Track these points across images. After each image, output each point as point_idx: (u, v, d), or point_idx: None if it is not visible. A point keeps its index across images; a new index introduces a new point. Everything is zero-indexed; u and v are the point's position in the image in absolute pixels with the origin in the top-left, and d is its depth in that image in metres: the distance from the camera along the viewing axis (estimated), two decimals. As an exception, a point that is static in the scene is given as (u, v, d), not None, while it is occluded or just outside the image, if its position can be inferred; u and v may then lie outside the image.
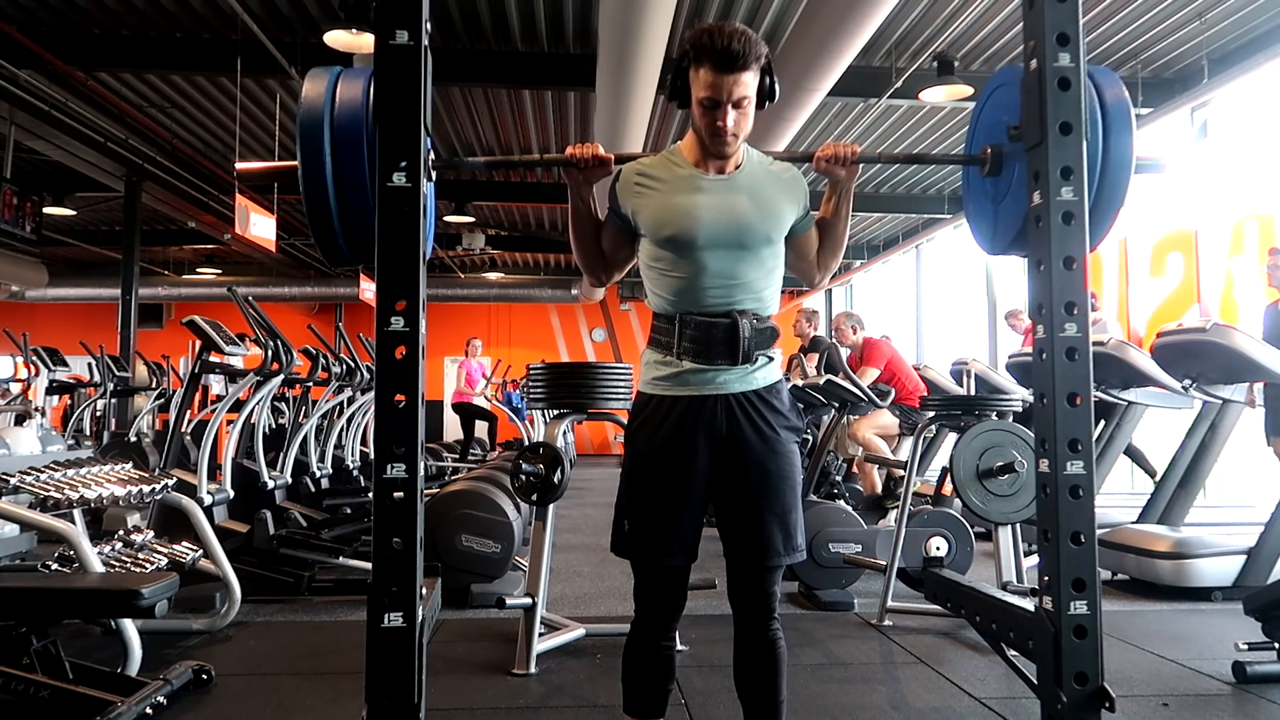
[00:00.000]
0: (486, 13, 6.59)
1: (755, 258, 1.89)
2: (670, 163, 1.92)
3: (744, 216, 1.86)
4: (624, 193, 1.92)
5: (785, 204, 1.93)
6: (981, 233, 2.16)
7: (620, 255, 2.00)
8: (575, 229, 1.98)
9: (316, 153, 1.72)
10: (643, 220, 1.90)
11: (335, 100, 1.75)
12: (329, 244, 1.79)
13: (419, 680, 1.56)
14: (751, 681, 1.88)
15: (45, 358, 8.48)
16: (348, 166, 1.73)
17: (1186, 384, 4.30)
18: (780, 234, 1.93)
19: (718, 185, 1.88)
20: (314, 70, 1.80)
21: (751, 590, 1.87)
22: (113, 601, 2.58)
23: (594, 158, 1.85)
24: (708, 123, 1.82)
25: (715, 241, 1.85)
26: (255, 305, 4.52)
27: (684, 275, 1.87)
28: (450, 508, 4.15)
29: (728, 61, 1.75)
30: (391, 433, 1.56)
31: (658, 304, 1.94)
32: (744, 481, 1.87)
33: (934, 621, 3.78)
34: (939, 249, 13.05)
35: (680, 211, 1.85)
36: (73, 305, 15.17)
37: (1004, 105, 1.98)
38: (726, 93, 1.77)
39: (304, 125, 1.73)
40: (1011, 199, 1.95)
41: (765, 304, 1.92)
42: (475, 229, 12.67)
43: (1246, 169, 7.30)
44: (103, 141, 8.49)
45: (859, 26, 5.16)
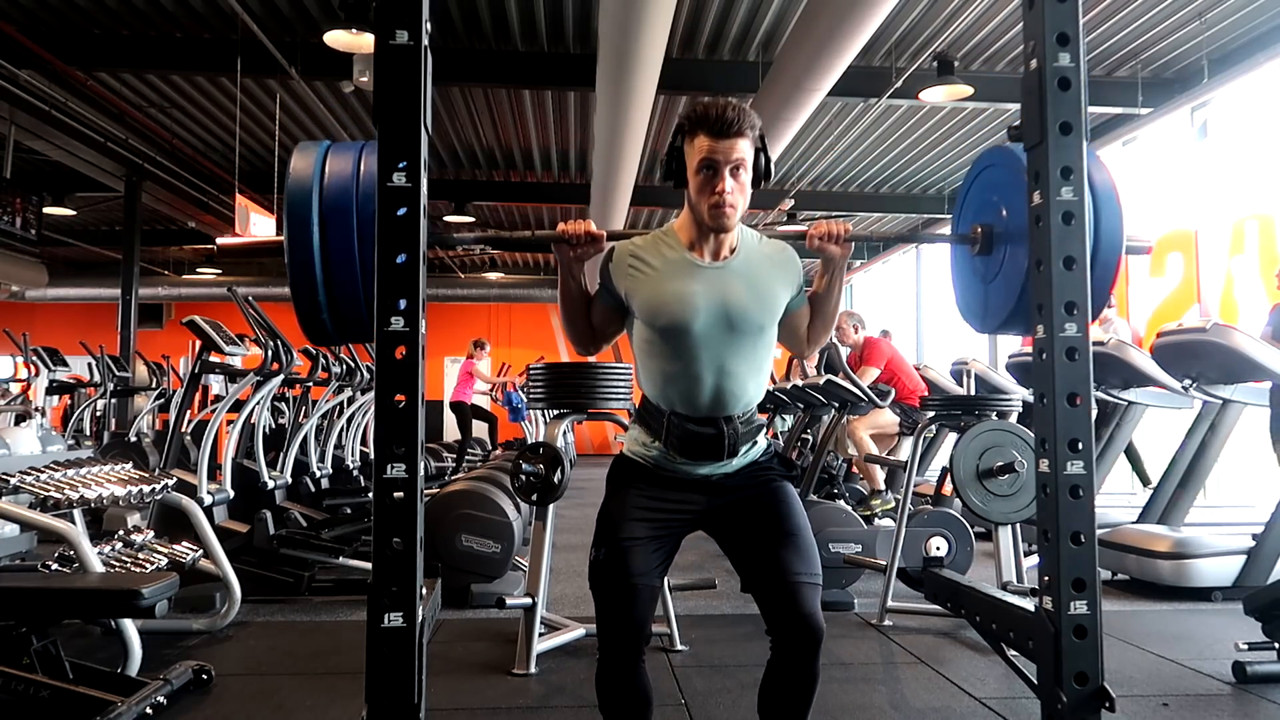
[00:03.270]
0: (486, 13, 6.59)
1: (749, 345, 1.89)
2: (664, 244, 1.90)
3: (739, 306, 1.86)
4: (617, 273, 1.91)
5: (780, 289, 1.93)
6: (971, 311, 2.15)
7: (610, 330, 1.99)
8: (565, 303, 1.96)
9: (304, 227, 1.69)
10: (637, 305, 1.89)
11: (324, 174, 1.72)
12: (313, 321, 1.74)
13: (419, 680, 1.55)
14: (783, 710, 1.82)
15: (45, 358, 8.48)
16: (336, 241, 1.69)
17: (1186, 384, 4.30)
18: (774, 321, 1.93)
19: (713, 273, 1.87)
20: (302, 145, 1.79)
21: (797, 612, 1.75)
22: (113, 601, 2.58)
23: (586, 234, 1.84)
24: (705, 194, 1.80)
25: (710, 331, 1.84)
26: (255, 305, 4.52)
27: (676, 362, 1.87)
28: (450, 508, 4.15)
29: (723, 127, 1.76)
30: (391, 433, 1.56)
31: (648, 388, 1.94)
32: (753, 516, 1.87)
33: (934, 621, 3.78)
34: (939, 249, 13.05)
35: (675, 300, 1.84)
36: (73, 305, 15.17)
37: (994, 184, 1.99)
38: (724, 156, 1.77)
39: (291, 199, 1.70)
40: (1002, 280, 1.94)
41: (755, 394, 1.93)
42: (475, 229, 12.67)
43: (1246, 169, 7.30)
44: (103, 141, 8.49)
45: (859, 26, 5.16)
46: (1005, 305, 1.94)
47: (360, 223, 1.69)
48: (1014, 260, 1.87)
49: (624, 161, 7.46)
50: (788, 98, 6.28)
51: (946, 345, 12.24)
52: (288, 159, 1.78)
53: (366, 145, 1.78)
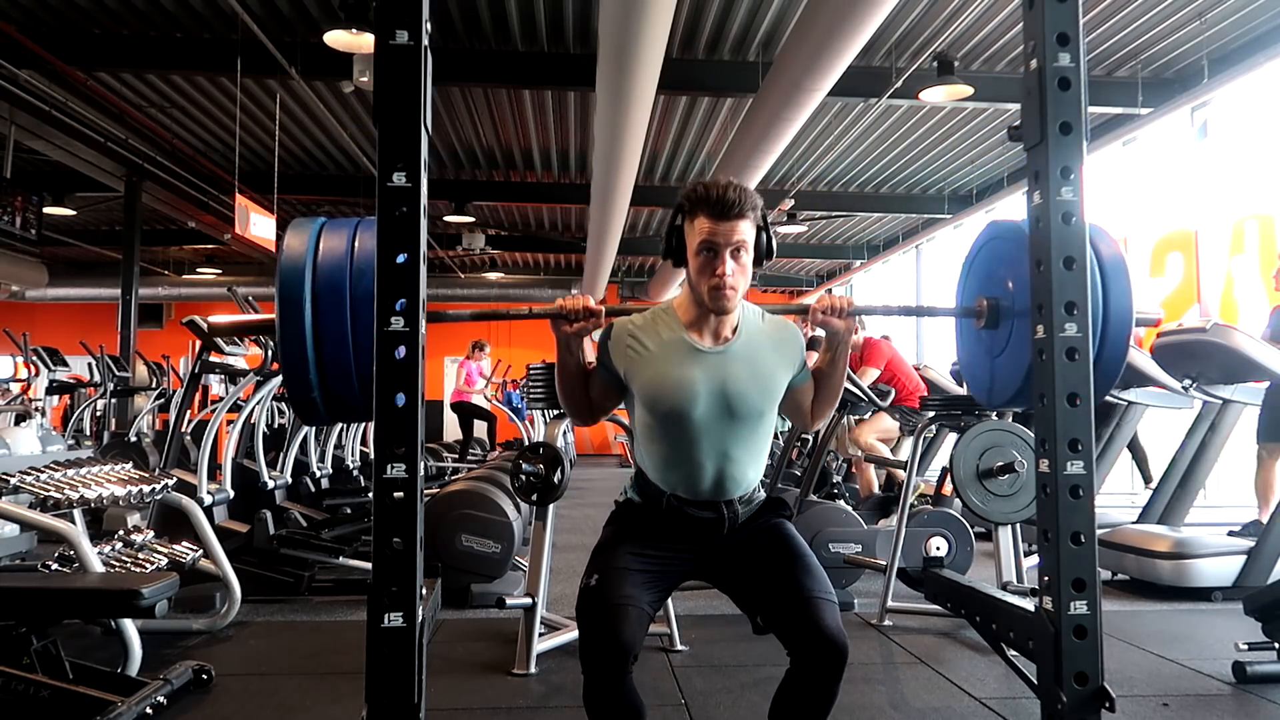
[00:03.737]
0: (486, 13, 6.59)
1: (748, 431, 1.89)
2: (663, 324, 1.89)
3: (740, 391, 1.85)
4: (615, 352, 1.90)
5: (781, 371, 1.92)
6: (977, 385, 2.14)
7: (609, 403, 1.99)
8: (563, 378, 1.95)
9: (296, 305, 1.68)
10: (636, 388, 1.88)
11: (318, 252, 1.71)
12: (304, 400, 1.73)
13: (419, 680, 1.55)
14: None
15: (45, 358, 8.48)
16: (329, 320, 1.68)
17: (1186, 384, 4.30)
18: (775, 406, 1.92)
19: (713, 357, 1.86)
20: (297, 221, 1.77)
21: (823, 630, 1.70)
22: (113, 601, 2.58)
23: (584, 309, 1.82)
24: (706, 275, 1.79)
25: (710, 417, 1.84)
26: (255, 305, 4.52)
27: (676, 447, 1.87)
28: (450, 508, 4.15)
29: (724, 209, 1.76)
30: (391, 433, 1.56)
31: (648, 469, 1.93)
32: (757, 553, 1.88)
33: (934, 621, 3.78)
34: (939, 249, 13.05)
35: (676, 385, 1.83)
36: (73, 305, 15.16)
37: (998, 257, 1.98)
38: (724, 238, 1.76)
39: (284, 277, 1.68)
40: (1009, 356, 1.91)
41: (755, 476, 1.93)
42: (475, 229, 12.67)
43: (1246, 169, 7.30)
44: (103, 141, 8.49)
45: (859, 26, 5.16)
46: (1013, 381, 1.90)
47: (354, 301, 1.67)
48: (1021, 335, 1.84)
49: (624, 161, 7.46)
50: (788, 98, 6.28)
51: (946, 345, 12.25)
52: (288, 158, 1.77)
53: (362, 222, 1.77)
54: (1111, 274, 1.87)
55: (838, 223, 13.10)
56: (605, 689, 1.73)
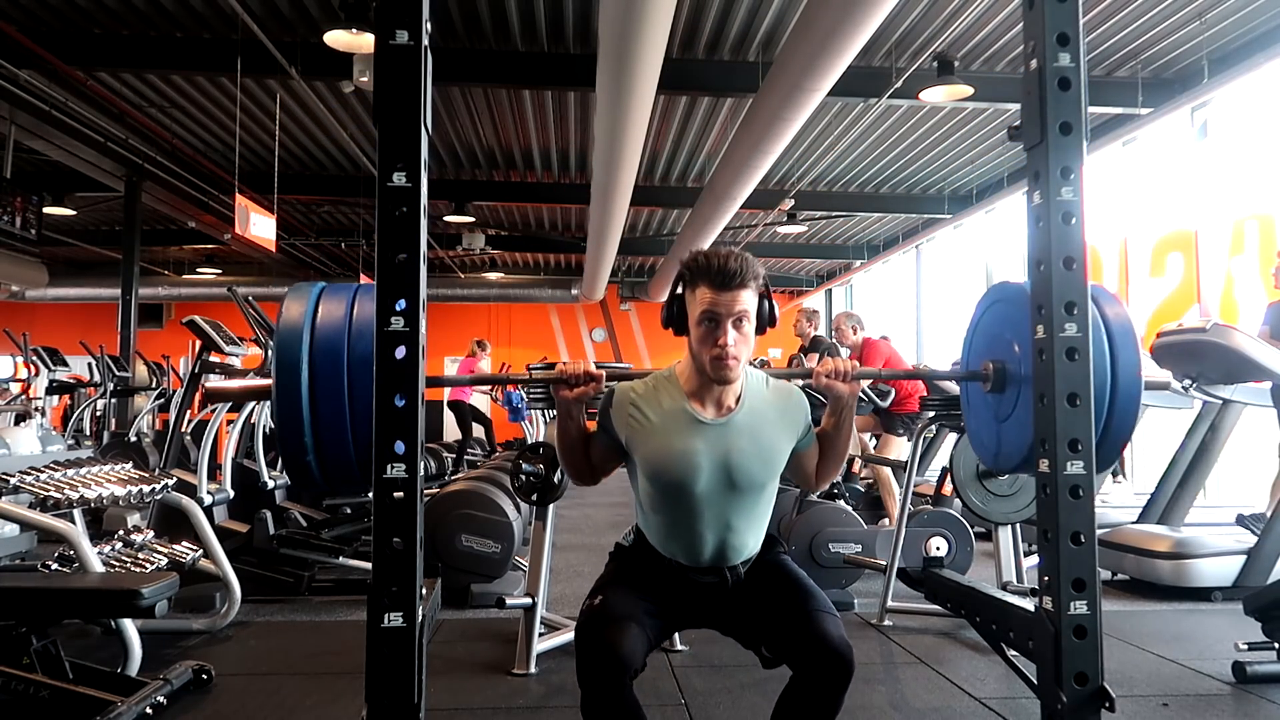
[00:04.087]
0: (486, 13, 6.59)
1: (750, 501, 1.89)
2: (665, 393, 1.88)
3: (742, 464, 1.84)
4: (617, 419, 1.90)
5: (784, 440, 1.92)
6: (984, 448, 2.12)
7: (609, 465, 1.99)
8: (563, 442, 1.94)
9: (293, 372, 1.68)
10: (638, 458, 1.88)
11: (316, 319, 1.71)
12: (299, 466, 1.72)
13: (419, 680, 1.55)
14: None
15: (45, 358, 8.48)
16: (325, 388, 1.68)
17: (1186, 384, 4.30)
18: (777, 475, 1.93)
19: (716, 429, 1.85)
20: (296, 287, 1.77)
21: (829, 642, 1.71)
22: (113, 601, 2.58)
23: (585, 375, 1.82)
24: (707, 345, 1.79)
25: (712, 489, 1.84)
26: (255, 305, 4.52)
27: (678, 518, 1.87)
28: (450, 508, 4.15)
29: (726, 279, 1.75)
30: (391, 433, 1.56)
31: (650, 535, 1.93)
32: (763, 593, 1.89)
33: (934, 621, 3.78)
34: (939, 249, 13.05)
35: (678, 458, 1.83)
36: (73, 305, 15.16)
37: (1004, 319, 1.97)
38: (726, 308, 1.76)
39: (281, 344, 1.69)
40: (1016, 421, 1.90)
41: (756, 543, 1.93)
42: (475, 229, 12.66)
43: (1246, 169, 7.30)
44: (103, 141, 8.49)
45: (859, 26, 5.15)
46: (1020, 447, 1.87)
47: (351, 368, 1.67)
48: (1027, 401, 1.83)
49: (624, 161, 7.45)
50: (788, 98, 6.28)
51: (946, 345, 12.25)
52: (288, 158, 1.76)
53: (361, 288, 1.77)
54: (1119, 338, 1.86)
55: (838, 223, 13.10)
56: (603, 703, 1.72)
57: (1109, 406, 1.83)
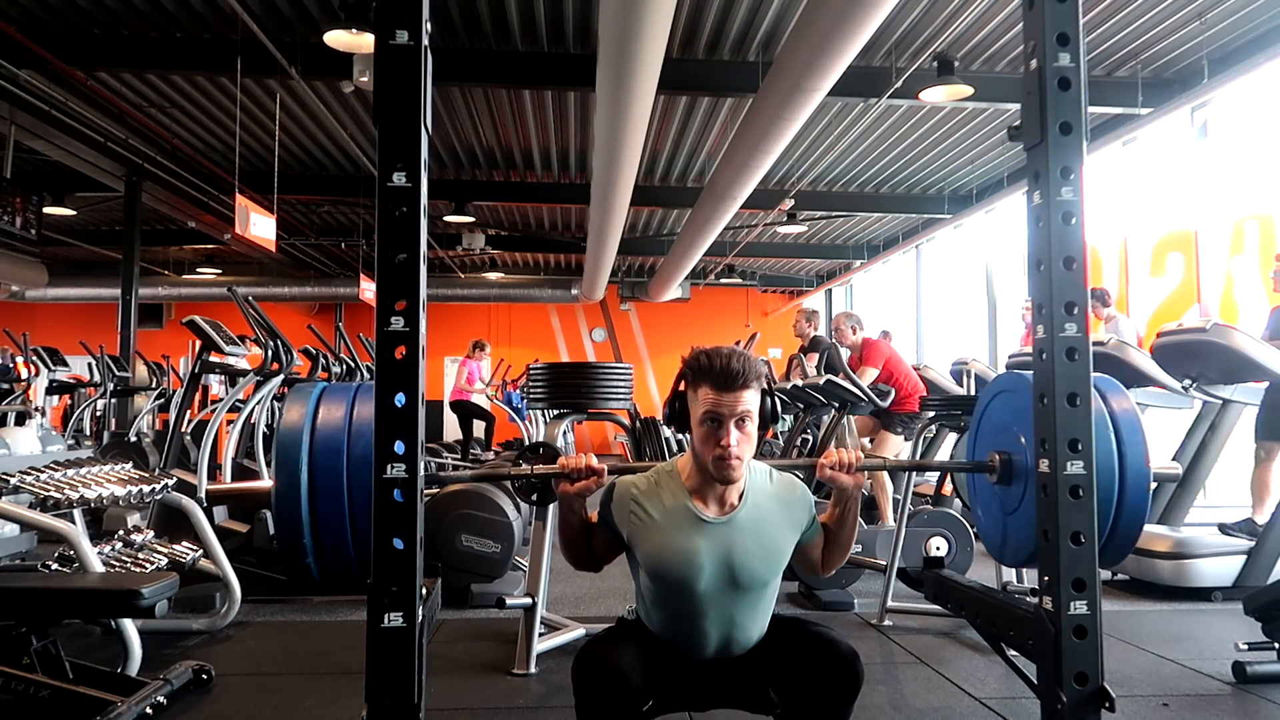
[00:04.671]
0: (486, 13, 6.59)
1: (754, 598, 1.88)
2: (666, 490, 1.87)
3: (745, 563, 1.84)
4: (619, 515, 1.89)
5: (788, 535, 1.91)
6: (991, 540, 2.12)
7: (612, 554, 1.98)
8: (565, 535, 1.94)
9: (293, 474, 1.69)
10: (640, 555, 1.87)
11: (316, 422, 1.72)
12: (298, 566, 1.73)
13: (419, 680, 1.55)
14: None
15: (45, 358, 8.47)
16: (325, 490, 1.68)
17: (1186, 384, 4.30)
18: (780, 571, 1.91)
19: (718, 529, 1.84)
20: (297, 389, 1.78)
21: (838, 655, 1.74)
22: (113, 601, 2.58)
23: (586, 468, 1.82)
24: (710, 445, 1.78)
25: (714, 588, 1.83)
26: (255, 305, 4.52)
27: (680, 615, 1.87)
28: (450, 508, 4.15)
29: (728, 380, 1.75)
30: (391, 433, 1.56)
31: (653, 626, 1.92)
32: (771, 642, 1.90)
33: (934, 621, 3.78)
34: (939, 249, 13.05)
35: (680, 558, 1.82)
36: (73, 305, 15.16)
37: (1009, 409, 1.97)
38: (729, 409, 1.75)
39: (281, 447, 1.69)
40: (1022, 515, 1.89)
41: (758, 635, 1.91)
42: (475, 229, 12.66)
43: (1246, 169, 7.30)
44: (103, 141, 8.49)
45: (859, 26, 5.15)
46: (1028, 541, 1.86)
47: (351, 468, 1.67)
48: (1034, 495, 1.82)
49: (624, 161, 7.46)
50: (788, 98, 6.28)
51: (946, 345, 12.25)
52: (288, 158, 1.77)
53: (361, 387, 1.78)
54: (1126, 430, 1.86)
55: (838, 223, 13.10)
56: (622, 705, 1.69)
57: (1117, 502, 1.82)
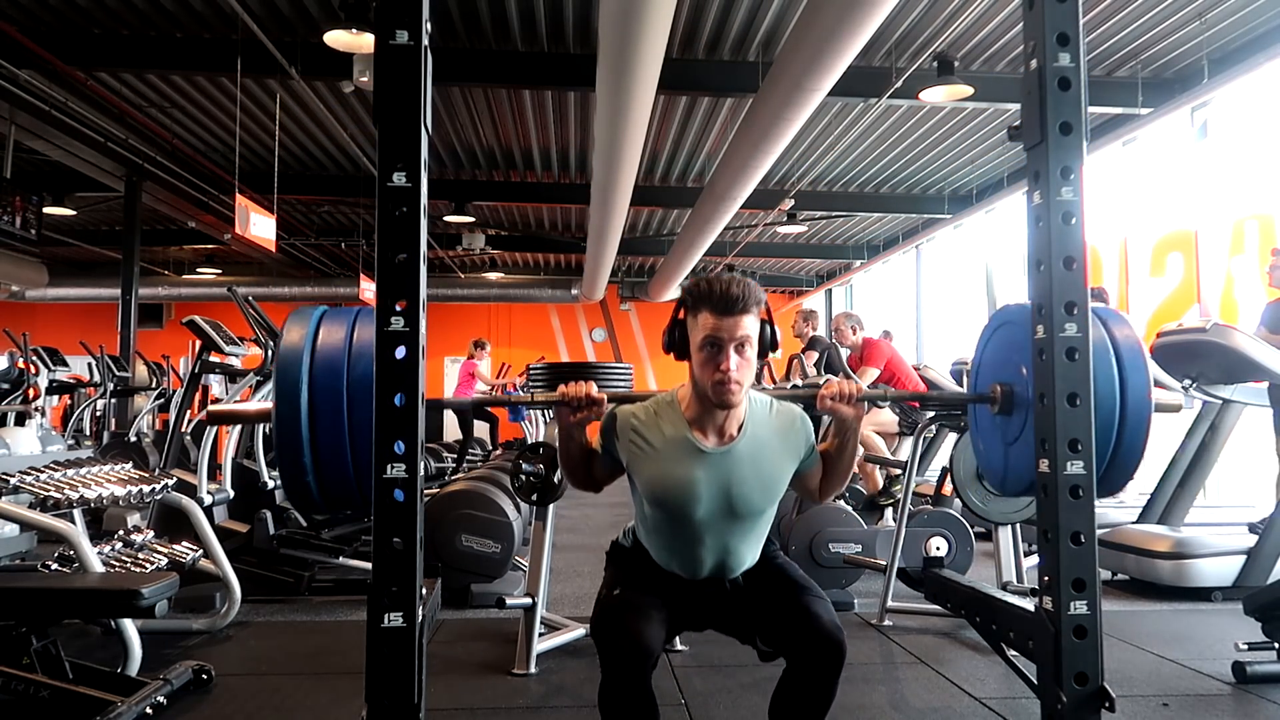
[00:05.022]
0: (486, 13, 6.59)
1: (750, 525, 1.91)
2: (666, 420, 1.89)
3: (743, 492, 1.86)
4: (619, 444, 1.92)
5: (787, 464, 1.92)
6: (991, 472, 2.13)
7: (612, 478, 2.01)
8: (566, 460, 1.97)
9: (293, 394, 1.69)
10: (639, 481, 1.90)
11: (316, 344, 1.72)
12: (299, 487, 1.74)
13: (419, 680, 1.55)
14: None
15: (45, 358, 8.47)
16: (324, 409, 1.69)
17: (1186, 384, 4.30)
18: (777, 500, 1.95)
19: (717, 458, 1.85)
20: (298, 311, 1.78)
21: (820, 628, 1.76)
22: (113, 601, 2.58)
23: (586, 397, 1.83)
24: (709, 370, 1.79)
25: (711, 515, 1.86)
26: (255, 305, 4.52)
27: (677, 539, 1.90)
28: (450, 508, 4.15)
29: (728, 305, 1.76)
30: (391, 433, 1.56)
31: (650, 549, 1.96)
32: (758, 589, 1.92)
33: (934, 621, 3.78)
34: (939, 249, 13.04)
35: (678, 485, 1.84)
36: (73, 305, 15.16)
37: (1010, 342, 1.97)
38: (728, 333, 1.76)
39: (281, 369, 1.70)
40: (1023, 444, 1.90)
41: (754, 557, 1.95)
42: (475, 229, 12.66)
43: (1246, 169, 7.30)
44: (103, 141, 8.48)
45: (859, 26, 5.15)
46: (1028, 470, 1.87)
47: (351, 390, 1.68)
48: (1033, 425, 1.83)
49: (624, 161, 7.46)
50: (788, 98, 6.28)
51: (946, 345, 12.24)
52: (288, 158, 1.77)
53: (361, 312, 1.78)
54: (1128, 357, 1.86)
55: (838, 223, 13.09)
56: (625, 690, 1.72)
57: (1117, 432, 1.82)
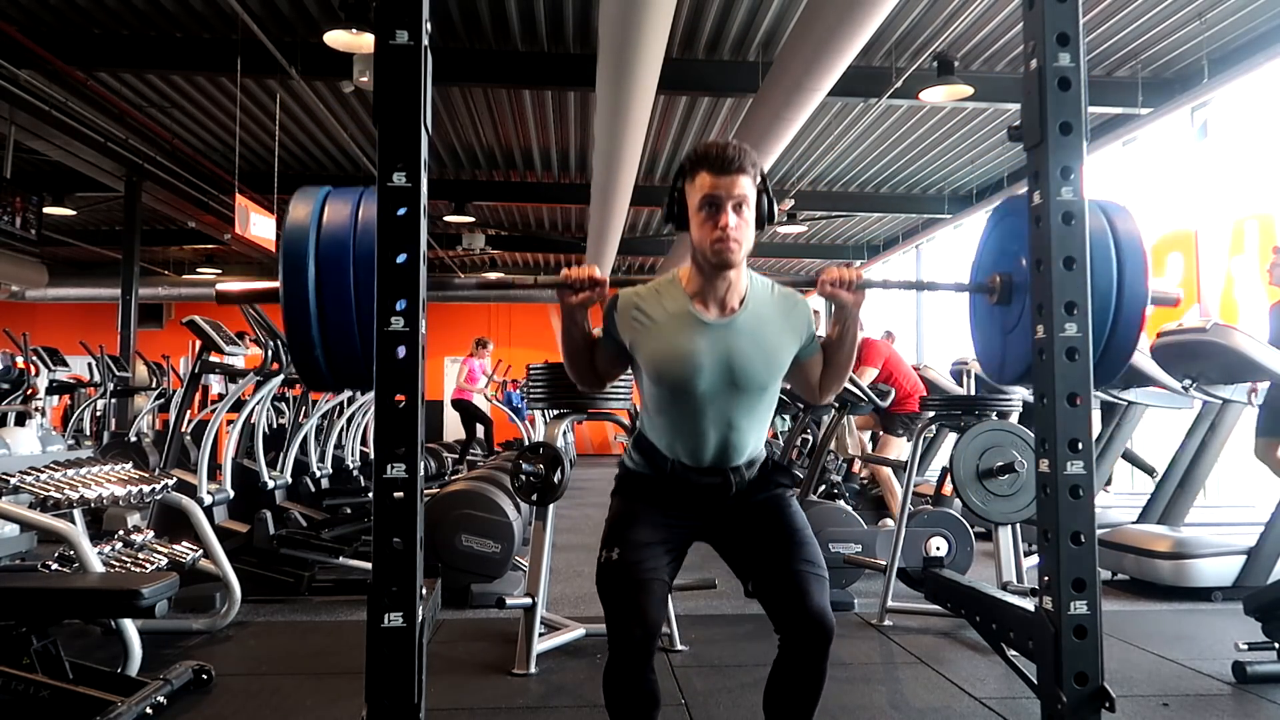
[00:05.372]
0: (486, 13, 6.59)
1: (752, 402, 1.90)
2: (668, 296, 1.89)
3: (744, 365, 1.85)
4: (621, 324, 1.90)
5: (788, 343, 1.92)
6: (989, 360, 2.14)
7: (614, 370, 2.00)
8: (567, 347, 1.95)
9: (300, 281, 1.69)
10: (641, 359, 1.89)
11: (322, 221, 1.72)
12: (308, 363, 1.74)
13: (419, 680, 1.55)
14: (790, 709, 1.83)
15: (45, 358, 8.47)
16: (332, 296, 1.69)
17: (1186, 384, 4.30)
18: (779, 377, 1.94)
19: (718, 330, 1.85)
20: (302, 189, 1.78)
21: (807, 608, 1.76)
22: (113, 601, 2.58)
23: (589, 279, 1.83)
24: (708, 229, 1.79)
25: (713, 389, 1.85)
26: (255, 306, 4.51)
27: (681, 417, 1.88)
28: (450, 508, 4.15)
29: (724, 163, 1.77)
30: (391, 433, 1.56)
31: (652, 435, 1.95)
32: (756, 522, 1.90)
33: (934, 621, 3.78)
34: (939, 249, 13.05)
35: (680, 358, 1.83)
36: (73, 305, 15.16)
37: (1013, 233, 1.96)
38: (726, 191, 1.77)
39: (288, 245, 1.70)
40: (1021, 331, 1.91)
41: (757, 444, 1.95)
42: (475, 229, 12.67)
43: (1246, 169, 7.30)
44: (103, 141, 8.49)
45: (859, 26, 5.16)
46: (1024, 357, 1.89)
47: (357, 266, 1.68)
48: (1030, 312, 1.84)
49: (624, 161, 7.46)
50: (788, 98, 6.28)
51: (946, 345, 12.25)
52: (288, 158, 1.78)
53: (367, 190, 1.78)
54: (1127, 249, 1.86)
55: (838, 223, 13.10)
56: (631, 668, 1.77)
57: (1113, 320, 1.84)
